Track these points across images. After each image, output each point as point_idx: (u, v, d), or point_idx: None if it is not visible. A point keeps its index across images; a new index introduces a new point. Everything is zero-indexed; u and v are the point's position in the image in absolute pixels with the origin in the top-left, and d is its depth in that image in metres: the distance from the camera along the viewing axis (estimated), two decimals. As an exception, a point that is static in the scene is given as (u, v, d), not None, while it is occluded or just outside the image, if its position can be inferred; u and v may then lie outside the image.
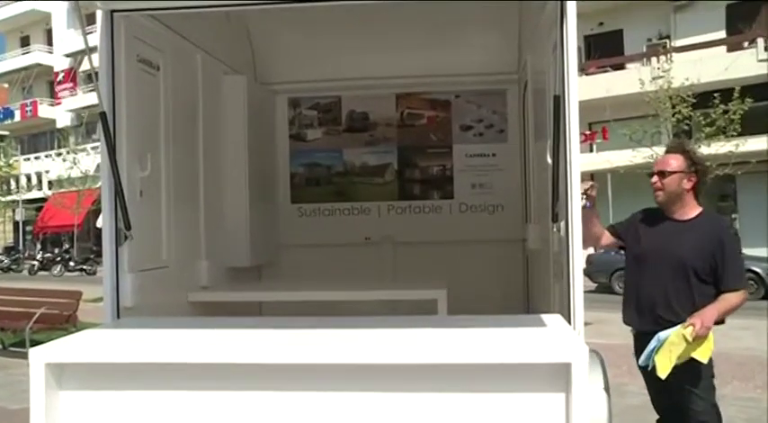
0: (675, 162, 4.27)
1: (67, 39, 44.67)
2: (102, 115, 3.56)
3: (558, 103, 3.28)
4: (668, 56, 22.32)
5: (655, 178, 4.30)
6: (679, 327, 3.91)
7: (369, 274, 5.97)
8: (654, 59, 24.26)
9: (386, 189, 6.48)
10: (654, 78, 20.44)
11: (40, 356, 2.75)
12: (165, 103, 4.37)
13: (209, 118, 5.06)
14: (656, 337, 3.97)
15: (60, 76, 47.30)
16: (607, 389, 2.97)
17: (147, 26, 4.09)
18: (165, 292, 4.24)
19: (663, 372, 3.88)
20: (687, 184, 4.21)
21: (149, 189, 4.11)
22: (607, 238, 4.58)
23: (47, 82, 49.15)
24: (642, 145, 19.73)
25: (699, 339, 3.89)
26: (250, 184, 5.49)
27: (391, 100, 6.44)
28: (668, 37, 27.21)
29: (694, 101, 19.19)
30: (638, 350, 4.22)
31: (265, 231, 5.93)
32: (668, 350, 3.86)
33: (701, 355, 3.88)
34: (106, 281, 3.61)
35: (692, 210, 4.25)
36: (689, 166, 4.22)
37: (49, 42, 48.29)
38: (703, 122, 18.50)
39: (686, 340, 3.86)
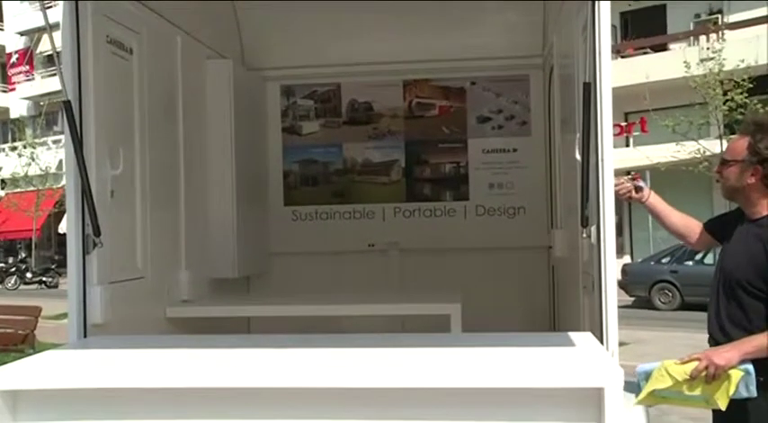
0: (736, 148, 3.88)
1: (22, 14, 44.36)
2: (67, 104, 3.59)
3: (589, 90, 3.30)
4: (720, 34, 22.24)
5: (717, 167, 4.11)
6: (668, 361, 3.56)
7: (372, 286, 5.99)
8: (702, 38, 24.21)
9: (392, 189, 6.51)
10: (702, 60, 20.44)
11: None
12: (140, 91, 4.41)
13: (191, 108, 5.09)
14: (637, 369, 3.64)
15: (14, 58, 46.94)
16: (647, 419, 3.00)
17: (119, 3, 4.13)
18: (139, 307, 4.28)
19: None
20: (750, 179, 3.81)
21: (122, 189, 4.14)
22: (701, 235, 4.18)
23: (-3, 64, 48.92)
24: (687, 138, 19.73)
25: (713, 380, 3.49)
26: (237, 184, 5.53)
27: (398, 88, 6.47)
28: (720, 12, 27.08)
29: (750, 86, 19.13)
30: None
31: (255, 238, 5.96)
32: (650, 387, 3.49)
33: (716, 400, 3.50)
34: (71, 294, 3.63)
35: (762, 209, 3.84)
36: (751, 155, 3.78)
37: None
38: (761, 110, 18.42)
39: (676, 378, 3.50)
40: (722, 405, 3.48)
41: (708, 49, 21.45)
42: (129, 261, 4.24)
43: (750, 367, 3.48)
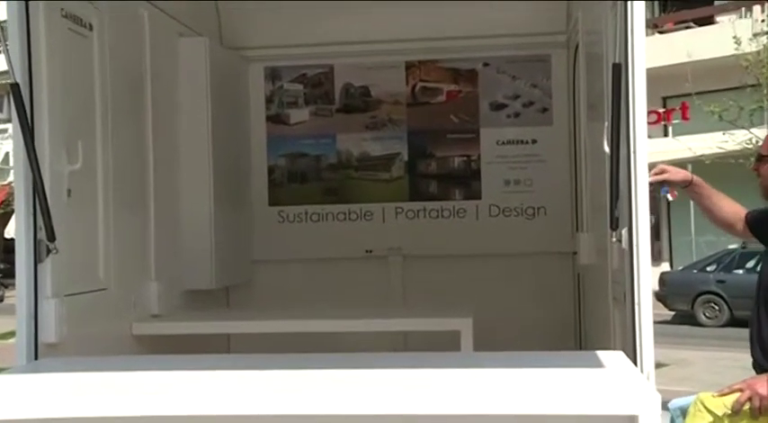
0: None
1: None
2: (15, 88, 3.59)
3: (620, 72, 3.32)
4: (777, 4, 22.17)
5: (754, 163, 4.12)
6: (704, 394, 3.58)
7: (370, 298, 6.03)
8: (756, 9, 24.13)
9: (393, 187, 6.54)
10: (755, 35, 20.37)
11: None
12: (101, 74, 4.42)
13: (161, 94, 5.11)
14: (669, 405, 3.67)
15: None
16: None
17: None
18: (101, 323, 4.29)
19: None
20: None
21: (80, 187, 4.15)
22: (742, 224, 4.13)
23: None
24: (736, 126, 19.70)
25: (760, 414, 3.45)
26: (215, 182, 5.55)
27: (400, 70, 6.49)
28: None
29: (813, 66, 19.10)
30: None
31: (235, 243, 5.98)
32: None
33: None
34: (20, 309, 3.63)
35: None
36: None
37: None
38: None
39: (716, 413, 3.47)
40: None
41: (763, 21, 21.39)
42: (88, 270, 4.25)
43: None
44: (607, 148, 3.47)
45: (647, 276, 3.22)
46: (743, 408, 3.42)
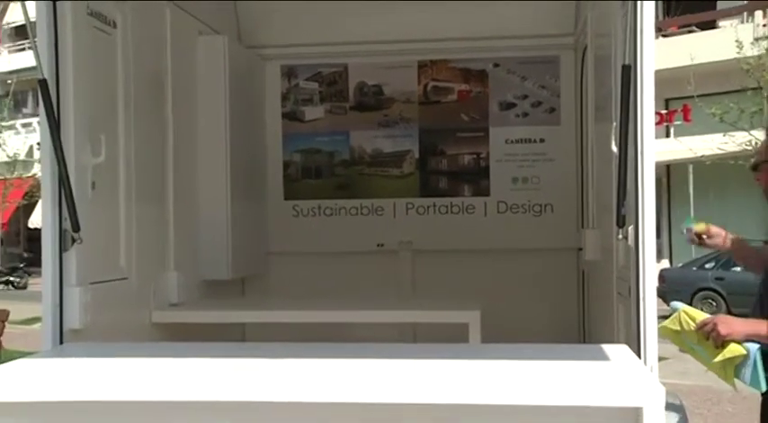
0: (763, 149, 4.06)
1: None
2: (42, 83, 3.61)
3: (629, 74, 3.32)
4: (779, 8, 22.05)
5: (756, 174, 4.13)
6: (690, 308, 3.84)
7: (381, 291, 6.03)
8: (758, 14, 24.03)
9: (404, 183, 6.54)
10: (757, 39, 20.29)
11: None
12: (124, 70, 4.44)
13: (181, 90, 5.13)
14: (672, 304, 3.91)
15: (-23, 31, 47.18)
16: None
17: None
18: (122, 311, 4.31)
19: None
20: None
21: (104, 180, 4.17)
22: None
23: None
24: (737, 128, 19.65)
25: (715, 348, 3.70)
26: (232, 176, 5.57)
27: (412, 70, 6.49)
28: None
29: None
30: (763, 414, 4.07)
31: (251, 235, 6.00)
32: (664, 323, 3.76)
33: (712, 367, 3.73)
34: (46, 296, 3.66)
35: None
36: None
37: (-41, -15, 47.86)
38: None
39: (683, 325, 3.76)
40: (723, 377, 3.67)
41: (764, 25, 21.32)
42: (111, 260, 4.27)
43: (754, 351, 3.61)
44: (615, 148, 3.48)
45: (652, 273, 3.23)
46: (702, 331, 3.65)
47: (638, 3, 3.25)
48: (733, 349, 3.63)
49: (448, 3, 6.00)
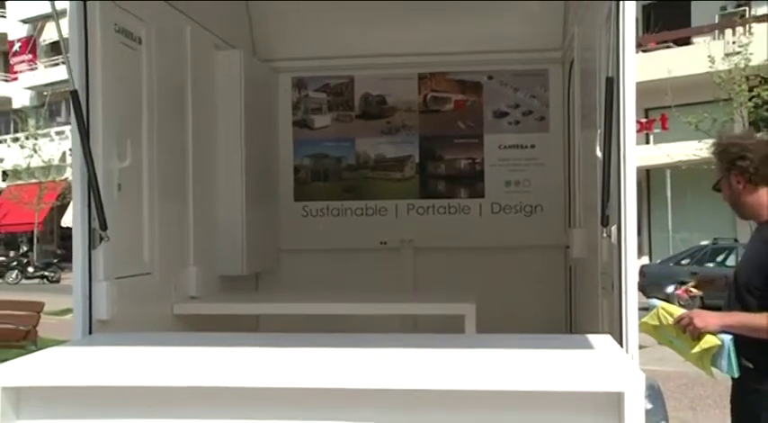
0: (716, 171, 4.09)
1: (24, 1, 44.09)
2: (74, 94, 3.61)
3: (612, 85, 3.30)
4: (747, 27, 21.99)
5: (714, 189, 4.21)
6: (667, 304, 3.91)
7: (384, 285, 6.02)
8: (728, 32, 24.01)
9: (405, 185, 6.53)
10: (727, 55, 20.32)
11: None
12: (148, 82, 4.44)
13: (200, 100, 5.12)
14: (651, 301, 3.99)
15: (16, 47, 46.92)
16: (666, 424, 3.00)
17: None
18: (146, 304, 4.31)
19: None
20: (737, 185, 3.96)
21: (129, 182, 4.17)
22: None
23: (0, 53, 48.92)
24: (710, 135, 19.63)
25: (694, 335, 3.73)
26: (247, 179, 5.56)
27: (413, 81, 6.48)
28: (747, 4, 26.85)
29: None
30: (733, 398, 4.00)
31: (264, 234, 5.99)
32: (644, 319, 3.79)
33: (689, 358, 3.78)
34: (76, 289, 3.66)
35: (763, 211, 3.96)
36: (726, 167, 3.98)
37: (1, 5, 47.63)
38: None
39: (661, 319, 3.84)
40: (701, 366, 3.73)
41: (734, 43, 21.34)
42: (135, 256, 4.27)
43: (727, 341, 3.67)
44: (599, 154, 3.47)
45: (634, 268, 3.22)
46: (679, 324, 3.76)
47: (621, 19, 3.25)
48: (709, 340, 3.68)
49: (446, 20, 5.99)
